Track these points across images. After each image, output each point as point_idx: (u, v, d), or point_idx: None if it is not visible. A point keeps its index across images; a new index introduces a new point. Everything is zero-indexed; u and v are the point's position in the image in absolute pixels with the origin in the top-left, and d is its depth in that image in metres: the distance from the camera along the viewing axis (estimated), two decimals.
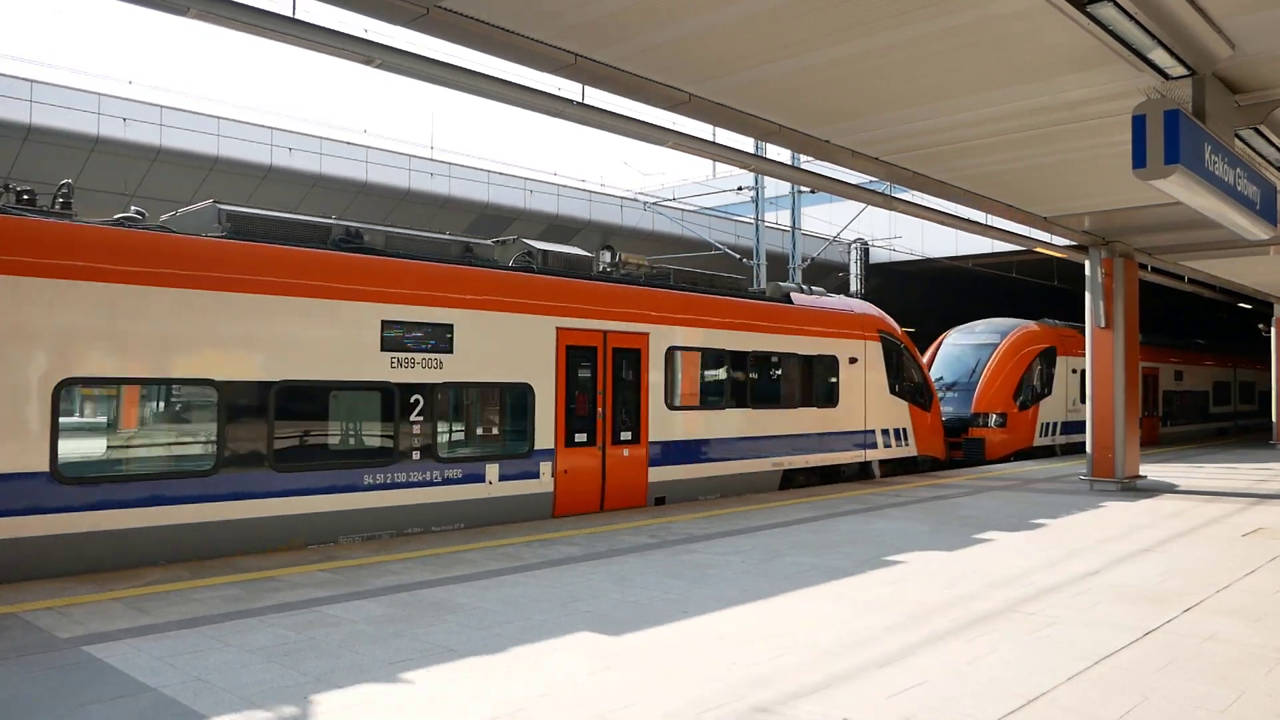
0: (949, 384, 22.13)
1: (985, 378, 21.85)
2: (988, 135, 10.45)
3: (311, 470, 9.14)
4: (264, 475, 8.79)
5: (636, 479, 12.42)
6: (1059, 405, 23.41)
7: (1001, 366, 22.08)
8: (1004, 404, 21.60)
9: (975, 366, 22.08)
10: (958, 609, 6.85)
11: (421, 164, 25.89)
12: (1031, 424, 22.35)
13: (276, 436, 8.89)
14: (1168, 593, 7.49)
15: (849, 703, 4.78)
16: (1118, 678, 5.24)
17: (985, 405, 21.54)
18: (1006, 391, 21.75)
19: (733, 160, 11.66)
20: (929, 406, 18.07)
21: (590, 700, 4.79)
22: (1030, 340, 22.77)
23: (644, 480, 12.51)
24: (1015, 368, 22.11)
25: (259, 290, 8.85)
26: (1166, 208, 13.36)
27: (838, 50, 7.99)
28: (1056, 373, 23.28)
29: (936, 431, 18.48)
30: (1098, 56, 7.95)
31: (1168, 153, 7.33)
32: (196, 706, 4.62)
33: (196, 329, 8.47)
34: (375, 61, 7.65)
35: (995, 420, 21.38)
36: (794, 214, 27.22)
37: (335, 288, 9.42)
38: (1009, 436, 21.65)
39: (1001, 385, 21.79)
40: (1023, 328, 22.99)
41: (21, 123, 19.67)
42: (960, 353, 22.88)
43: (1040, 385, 22.66)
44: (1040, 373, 22.72)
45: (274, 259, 9.09)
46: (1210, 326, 49.21)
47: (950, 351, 23.20)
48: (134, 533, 8.02)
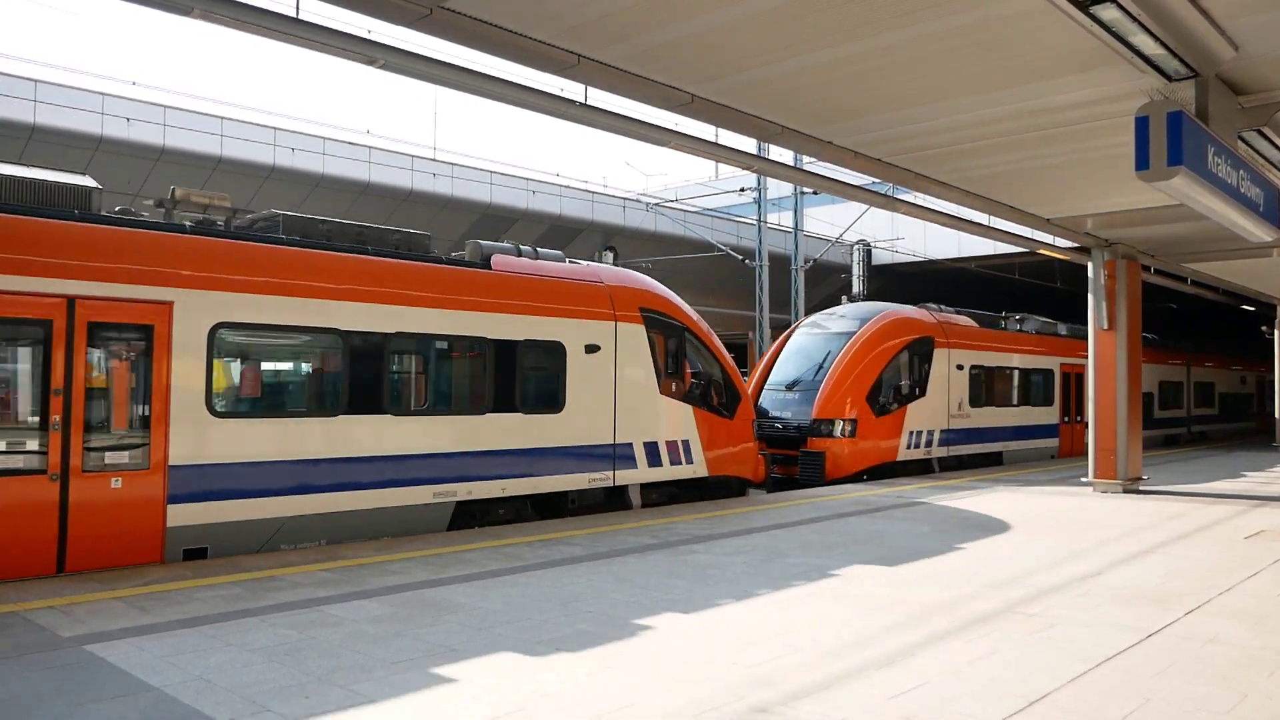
0: (789, 384, 17.76)
1: (832, 375, 17.23)
2: (990, 136, 10.45)
3: None
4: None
5: (139, 522, 8.15)
6: (937, 410, 18.67)
7: (855, 362, 17.39)
8: (855, 408, 16.95)
9: (824, 362, 17.63)
10: (958, 610, 6.85)
11: (424, 164, 25.91)
12: (894, 433, 17.63)
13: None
14: (1169, 595, 7.48)
15: (849, 703, 4.78)
16: (1119, 680, 5.24)
17: (829, 409, 16.81)
18: (858, 392, 17.10)
19: (735, 161, 11.67)
20: (733, 412, 13.66)
21: (591, 700, 4.79)
22: (897, 330, 18.25)
23: (158, 524, 8.24)
24: (874, 363, 17.50)
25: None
26: (1169, 209, 13.35)
27: (840, 51, 7.99)
28: (935, 369, 18.72)
29: (745, 444, 13.93)
30: (1100, 58, 7.94)
31: (1170, 155, 7.32)
32: (198, 706, 4.62)
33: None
34: (378, 62, 7.66)
35: (842, 428, 16.75)
36: (796, 215, 27.23)
37: None
38: (861, 449, 16.97)
39: (853, 385, 17.13)
40: (889, 313, 18.63)
41: (26, 123, 19.70)
42: (811, 344, 18.32)
43: (910, 384, 18.06)
44: (910, 369, 18.15)
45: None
46: (1201, 327, 48.43)
47: (800, 343, 18.65)
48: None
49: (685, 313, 13.45)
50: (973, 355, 19.91)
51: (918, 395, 18.22)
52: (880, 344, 17.80)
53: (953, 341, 19.36)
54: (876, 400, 17.30)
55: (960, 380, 19.41)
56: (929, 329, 18.95)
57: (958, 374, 19.35)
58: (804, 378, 17.66)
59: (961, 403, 19.40)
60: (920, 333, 18.65)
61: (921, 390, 18.33)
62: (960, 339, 19.64)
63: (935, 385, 18.72)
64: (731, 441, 13.66)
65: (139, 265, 8.31)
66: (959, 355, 19.44)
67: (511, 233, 28.43)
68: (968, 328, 20.31)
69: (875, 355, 17.60)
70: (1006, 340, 21.40)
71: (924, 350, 18.58)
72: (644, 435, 12.40)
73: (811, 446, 16.74)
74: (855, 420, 16.87)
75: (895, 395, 17.74)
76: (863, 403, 17.08)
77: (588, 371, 11.77)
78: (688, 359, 13.31)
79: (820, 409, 16.93)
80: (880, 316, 18.42)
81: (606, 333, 12.07)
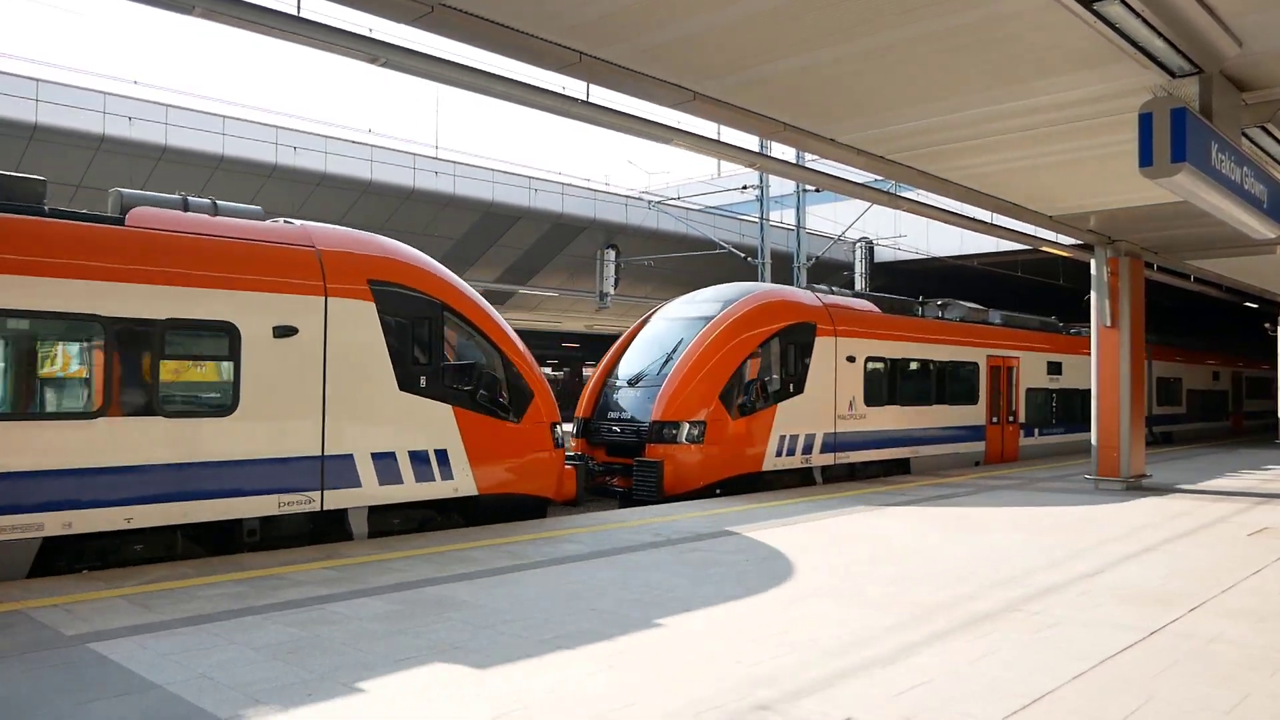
0: (633, 379, 14.74)
1: (679, 369, 14.14)
2: (993, 134, 10.43)
3: None
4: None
5: None
6: (819, 409, 15.55)
7: (709, 353, 14.28)
8: (705, 407, 13.87)
9: (674, 353, 14.67)
10: (960, 608, 6.84)
11: (426, 163, 25.90)
12: (758, 438, 14.49)
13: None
14: (1171, 593, 7.46)
15: (851, 702, 4.78)
16: (1120, 679, 5.23)
17: (673, 410, 13.78)
18: (709, 388, 14.02)
19: (737, 158, 11.66)
20: (520, 413, 10.93)
21: (592, 698, 4.79)
22: (766, 314, 15.10)
23: None
24: (732, 354, 14.39)
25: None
26: (1173, 206, 13.32)
27: (842, 48, 7.98)
28: (817, 361, 15.56)
29: (539, 454, 11.12)
30: (1104, 54, 7.93)
31: (1174, 151, 7.31)
32: (201, 704, 4.63)
33: None
34: (380, 60, 7.67)
35: (688, 433, 13.67)
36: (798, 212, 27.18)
37: None
38: (711, 457, 13.87)
39: (705, 380, 14.05)
40: (758, 295, 15.46)
41: (28, 122, 19.71)
42: (665, 332, 15.35)
43: (782, 379, 14.98)
44: (782, 361, 15.07)
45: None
46: (1201, 325, 47.73)
47: (654, 330, 15.61)
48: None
49: (446, 285, 10.51)
50: (869, 345, 16.77)
51: (792, 392, 15.11)
52: (743, 331, 14.65)
53: (843, 329, 16.20)
54: (735, 398, 14.24)
55: (852, 374, 16.31)
56: (810, 314, 15.76)
57: (849, 367, 16.22)
58: (649, 372, 14.63)
59: (854, 401, 16.26)
60: (798, 318, 15.45)
61: (798, 386, 15.22)
62: (853, 326, 16.52)
63: (818, 380, 15.56)
64: (518, 451, 10.87)
65: None
66: (851, 345, 16.32)
67: (514, 230, 28.45)
68: (864, 313, 17.18)
69: (736, 345, 14.48)
70: (915, 329, 18.27)
71: (803, 339, 15.45)
72: (373, 444, 9.57)
73: (649, 454, 13.63)
74: (704, 423, 13.73)
75: (761, 392, 14.59)
76: (715, 401, 13.97)
77: (277, 361, 9.05)
78: (448, 346, 10.44)
79: (661, 409, 13.77)
80: (747, 299, 15.22)
81: (310, 311, 9.29)
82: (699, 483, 13.78)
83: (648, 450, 13.74)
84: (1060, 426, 23.59)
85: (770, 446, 14.66)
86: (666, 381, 14.08)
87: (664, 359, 14.64)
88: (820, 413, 15.63)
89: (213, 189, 23.07)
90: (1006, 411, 21.03)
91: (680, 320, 15.36)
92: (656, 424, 13.78)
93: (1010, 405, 21.19)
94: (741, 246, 30.30)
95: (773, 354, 15.03)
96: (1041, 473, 18.04)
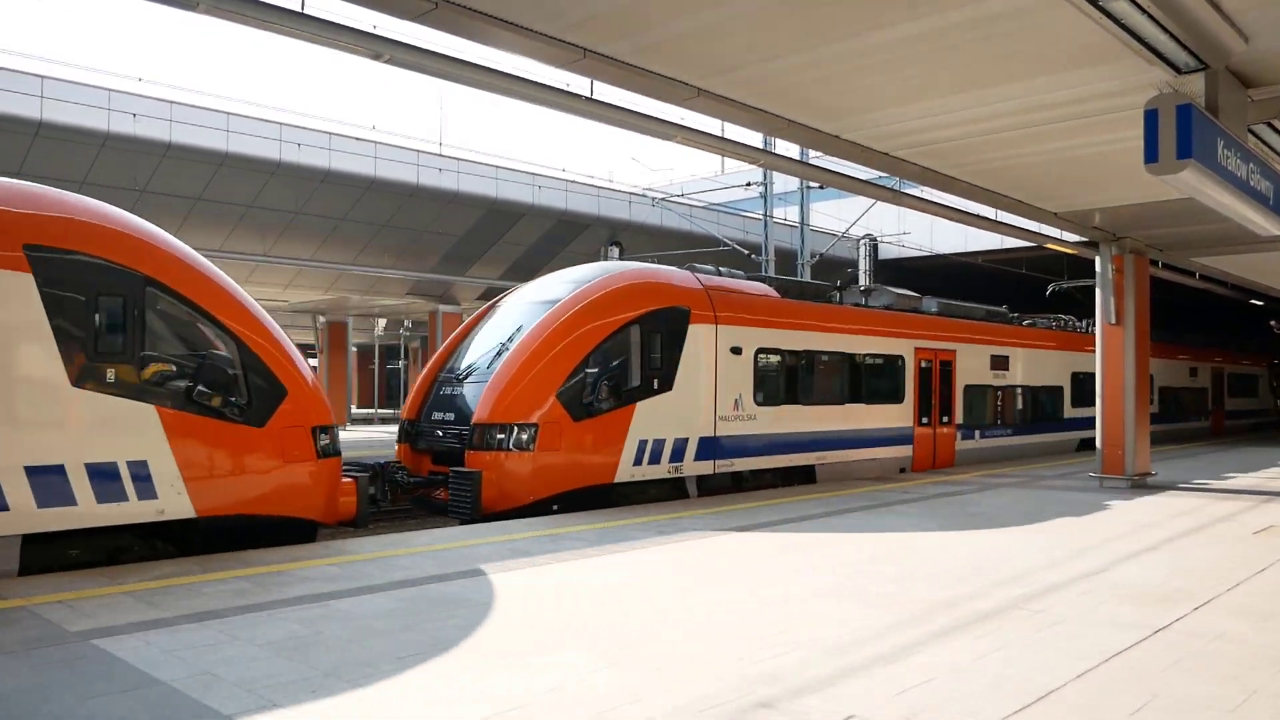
0: (463, 375, 12.47)
1: (511, 363, 11.84)
2: (999, 130, 10.41)
3: None
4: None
5: None
6: (693, 409, 13.19)
7: (549, 343, 11.90)
8: (539, 407, 11.57)
9: (509, 343, 12.42)
10: (963, 606, 6.83)
11: (430, 159, 25.91)
12: (610, 443, 12.14)
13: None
14: (1176, 591, 7.45)
15: (854, 699, 4.77)
16: (1125, 677, 5.22)
17: (500, 410, 11.48)
18: (544, 385, 11.70)
19: (741, 155, 11.65)
20: (265, 416, 8.93)
21: (596, 696, 4.79)
22: (625, 298, 12.66)
23: None
24: (577, 344, 12.00)
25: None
26: (1178, 203, 13.29)
27: (847, 44, 7.96)
28: (692, 353, 13.15)
29: (294, 465, 9.12)
30: (1110, 51, 7.90)
31: (1180, 148, 7.28)
32: (206, 700, 4.64)
33: None
34: (384, 57, 7.67)
35: (518, 438, 11.40)
36: (802, 210, 27.15)
37: None
38: (546, 466, 11.55)
39: (540, 375, 11.70)
40: (617, 275, 13.09)
41: (32, 118, 19.75)
42: (508, 318, 13.08)
43: (642, 374, 12.57)
44: (644, 352, 12.64)
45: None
46: (1205, 321, 46.03)
47: (498, 317, 13.30)
48: None
49: (150, 251, 8.45)
50: (761, 335, 14.36)
51: (657, 389, 12.71)
52: (593, 318, 12.27)
53: (726, 316, 13.80)
54: (579, 397, 11.88)
55: (739, 368, 13.90)
56: (683, 297, 13.30)
57: (734, 360, 13.80)
58: (480, 365, 12.36)
59: (741, 400, 13.88)
60: (664, 302, 13.01)
61: (665, 382, 12.83)
62: (740, 312, 14.10)
63: (692, 375, 13.17)
64: (260, 462, 8.85)
65: None
66: (736, 334, 13.88)
67: (517, 227, 28.46)
68: (756, 298, 14.65)
69: (583, 333, 12.08)
70: (823, 317, 15.83)
71: (671, 326, 12.96)
72: (29, 455, 7.52)
73: (470, 463, 11.40)
74: (536, 426, 11.45)
75: (613, 390, 12.17)
76: (552, 400, 11.64)
77: None
78: (149, 329, 8.31)
79: (486, 410, 11.51)
80: (602, 280, 12.84)
81: None
82: (529, 497, 11.42)
83: (468, 458, 11.46)
84: (1007, 429, 20.71)
85: (626, 454, 12.27)
86: (494, 377, 11.74)
87: (498, 351, 12.33)
88: (695, 413, 13.20)
89: (217, 185, 23.11)
90: (939, 411, 18.43)
91: (526, 305, 12.99)
92: (480, 427, 11.45)
93: (945, 404, 18.58)
94: (745, 244, 30.28)
95: (630, 344, 12.53)
96: (1046, 470, 18.00)
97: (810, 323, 15.49)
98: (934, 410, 18.25)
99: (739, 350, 13.93)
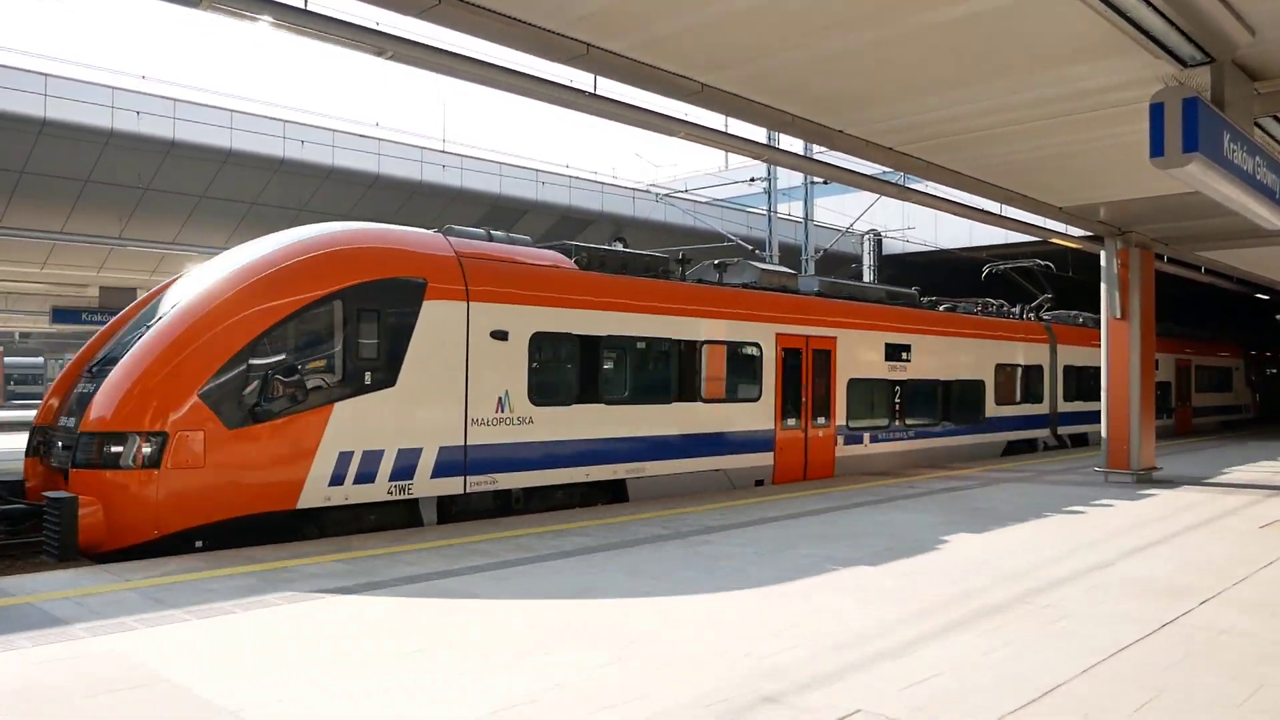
0: (99, 367, 9.71)
1: (137, 353, 8.99)
2: (1003, 125, 10.38)
3: None
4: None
5: None
6: (431, 410, 10.24)
7: (197, 328, 9.03)
8: (173, 409, 8.69)
9: (148, 327, 9.58)
10: (970, 601, 6.83)
11: (434, 156, 25.92)
12: (290, 456, 9.25)
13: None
14: (1183, 585, 7.44)
15: (860, 694, 4.77)
16: (1132, 671, 5.21)
17: (119, 415, 8.63)
18: (183, 380, 8.80)
19: (745, 151, 11.63)
20: None
21: (602, 691, 4.80)
22: (322, 269, 9.72)
23: None
24: (238, 328, 9.13)
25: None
26: (1184, 197, 13.25)
27: (851, 39, 7.94)
28: (428, 339, 10.21)
29: None
30: (1115, 44, 7.87)
31: (1186, 141, 7.25)
32: (211, 697, 4.65)
33: None
34: (387, 53, 7.66)
35: (139, 451, 8.54)
36: (806, 205, 27.13)
37: None
38: (186, 489, 8.67)
39: (177, 369, 8.81)
40: (318, 240, 10.00)
41: (36, 116, 19.79)
42: (173, 296, 10.09)
43: (345, 365, 9.66)
44: (346, 338, 9.69)
45: None
46: (1210, 315, 44.53)
47: (177, 291, 10.17)
48: None
49: None
50: (541, 316, 11.26)
51: (370, 385, 9.73)
52: (271, 294, 9.36)
53: (485, 290, 10.71)
54: (240, 396, 8.99)
55: (505, 359, 10.85)
56: (416, 265, 10.25)
57: (496, 348, 10.76)
58: (119, 355, 9.38)
59: (508, 398, 10.84)
60: (388, 271, 10.00)
61: (384, 376, 9.83)
62: (508, 287, 10.97)
63: (427, 366, 10.14)
64: None
65: None
66: (501, 315, 10.83)
67: (521, 223, 28.44)
68: (534, 269, 11.40)
69: (251, 314, 9.20)
70: (639, 294, 12.57)
71: (395, 303, 9.99)
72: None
73: (74, 485, 8.56)
74: (166, 435, 8.59)
75: (295, 386, 9.28)
76: (194, 400, 8.75)
77: None
78: None
79: (98, 414, 8.69)
80: (295, 245, 9.90)
81: None
82: (154, 531, 8.53)
83: (72, 478, 8.60)
84: (907, 431, 17.35)
85: (318, 470, 9.36)
86: (114, 373, 8.95)
87: (139, 338, 9.37)
88: (432, 416, 10.18)
89: (220, 183, 23.14)
90: (813, 411, 15.19)
91: (201, 279, 9.98)
92: (87, 437, 8.62)
93: (821, 402, 15.36)
94: (749, 239, 30.26)
95: (325, 327, 9.62)
96: (1050, 465, 17.97)
97: (621, 302, 12.23)
98: (805, 409, 15.03)
99: (504, 335, 10.84)
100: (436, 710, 4.51)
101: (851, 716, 4.46)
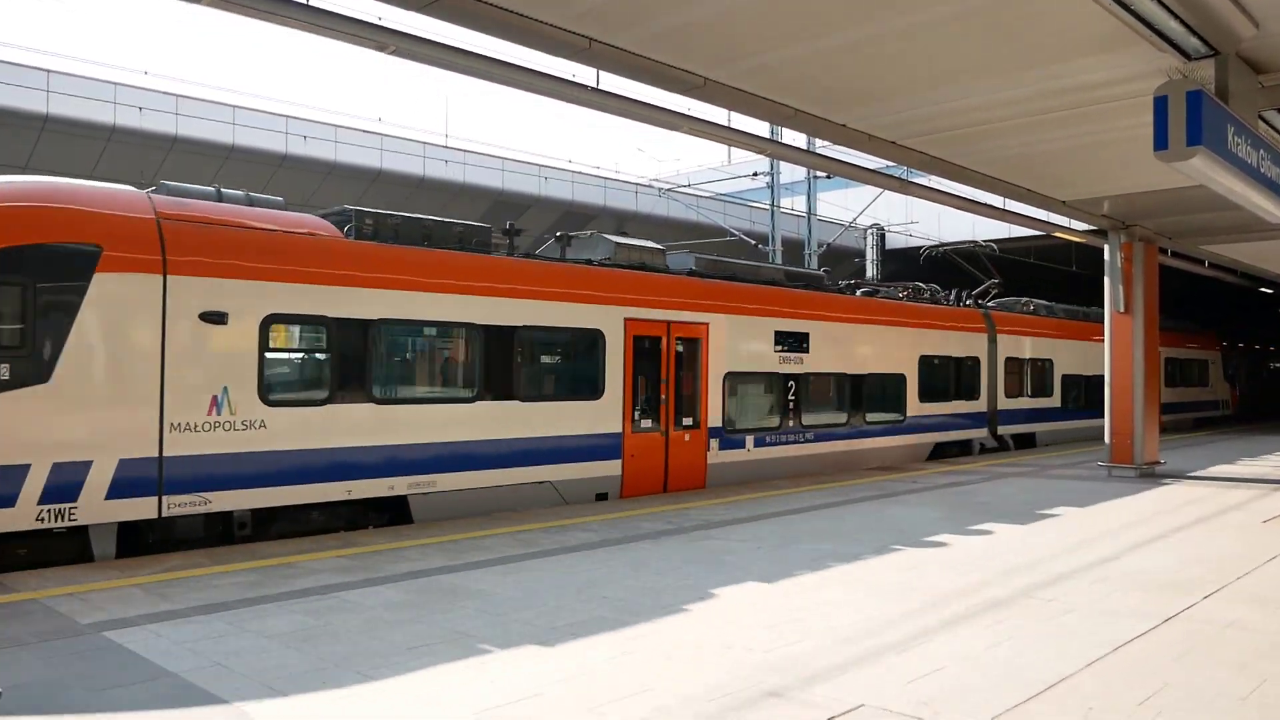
0: None
1: None
2: (1007, 119, 10.35)
3: None
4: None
5: None
6: (100, 412, 7.92)
7: None
8: None
9: None
10: (974, 595, 6.83)
11: (436, 151, 25.92)
12: None
13: None
14: (1186, 580, 7.43)
15: (865, 688, 4.77)
16: (1136, 665, 5.21)
17: None
18: None
19: (748, 145, 11.60)
20: None
21: (607, 686, 4.80)
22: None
23: None
24: None
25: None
26: (1188, 191, 13.20)
27: (854, 33, 7.91)
28: (100, 321, 7.94)
29: None
30: (1119, 37, 7.84)
31: (1190, 134, 7.23)
32: (216, 691, 4.66)
33: None
34: (389, 48, 7.64)
35: None
36: (809, 199, 27.10)
37: None
38: None
39: None
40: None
41: (39, 112, 19.81)
42: None
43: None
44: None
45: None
46: (1215, 308, 43.40)
47: None
48: None
49: None
50: (281, 294, 9.09)
51: (8, 381, 7.56)
52: None
53: (192, 261, 8.54)
54: None
55: (223, 347, 8.70)
56: (86, 228, 8.04)
57: (210, 334, 8.61)
58: None
59: (226, 397, 8.67)
60: (44, 235, 7.81)
61: (30, 369, 7.66)
62: (229, 258, 8.79)
63: (99, 356, 7.99)
64: None
65: None
66: (216, 292, 8.66)
67: (524, 219, 28.44)
68: (276, 236, 9.16)
69: None
70: (437, 271, 10.29)
71: (51, 275, 7.81)
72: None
73: None
74: None
75: None
76: None
77: None
78: None
79: None
80: None
81: None
82: None
83: None
84: (804, 434, 14.77)
85: None
86: None
87: None
88: (111, 418, 8.02)
89: (223, 178, 23.14)
90: (676, 410, 12.74)
91: None
92: None
93: (687, 400, 12.95)
94: (752, 234, 30.22)
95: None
96: (1053, 460, 17.96)
97: (403, 279, 10.01)
98: (665, 409, 12.58)
99: (221, 317, 8.68)
100: (440, 704, 4.52)
101: (855, 711, 4.47)
